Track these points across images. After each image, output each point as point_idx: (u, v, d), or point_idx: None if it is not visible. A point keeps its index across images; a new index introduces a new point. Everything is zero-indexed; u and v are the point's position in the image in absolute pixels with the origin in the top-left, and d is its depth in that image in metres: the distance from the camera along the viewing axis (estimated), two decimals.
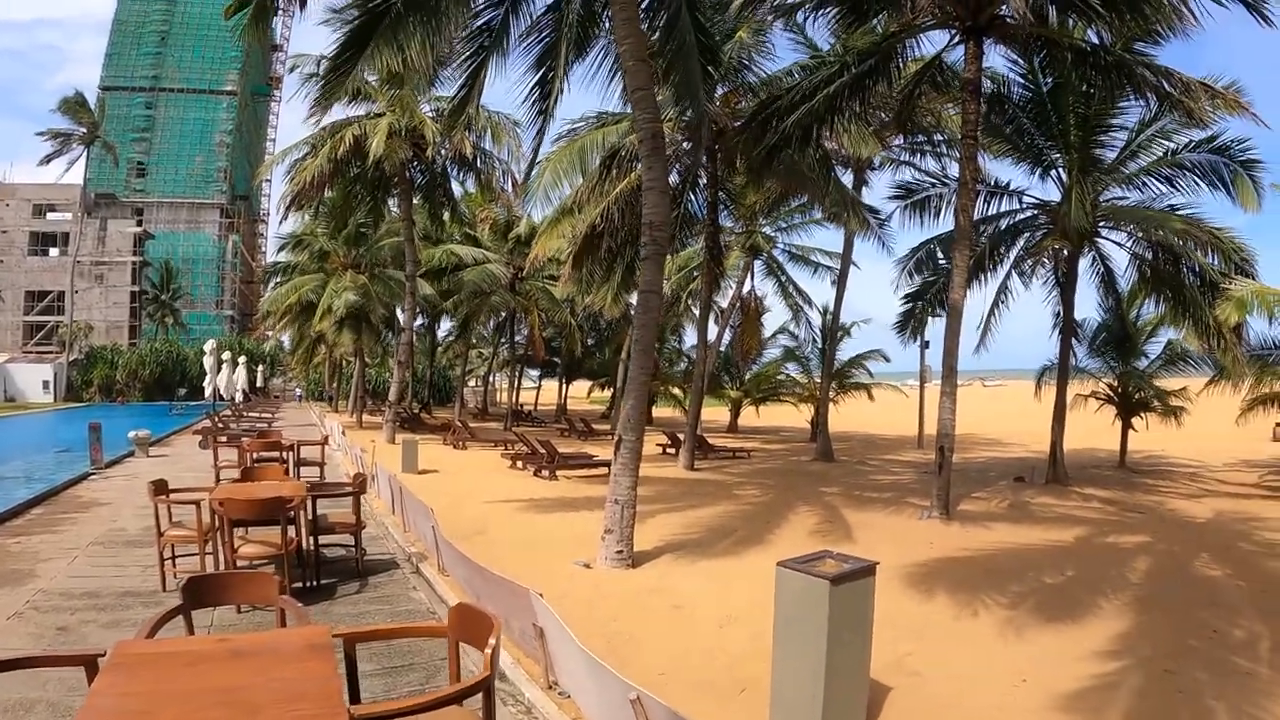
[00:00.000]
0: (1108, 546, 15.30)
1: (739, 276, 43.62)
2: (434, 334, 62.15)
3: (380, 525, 15.52)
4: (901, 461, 31.10)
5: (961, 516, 17.89)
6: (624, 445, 13.10)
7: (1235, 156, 23.72)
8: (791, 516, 17.34)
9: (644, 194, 13.98)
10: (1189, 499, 21.72)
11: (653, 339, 14.12)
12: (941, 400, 18.50)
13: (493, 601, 8.90)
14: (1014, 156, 25.90)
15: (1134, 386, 29.70)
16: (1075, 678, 7.95)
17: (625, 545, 12.65)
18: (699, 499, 19.62)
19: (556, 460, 23.91)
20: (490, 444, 32.31)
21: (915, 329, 31.31)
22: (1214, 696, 7.66)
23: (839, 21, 20.31)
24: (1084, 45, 19.57)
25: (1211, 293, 23.27)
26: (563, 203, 28.62)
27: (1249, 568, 13.48)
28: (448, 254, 46.09)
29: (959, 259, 18.77)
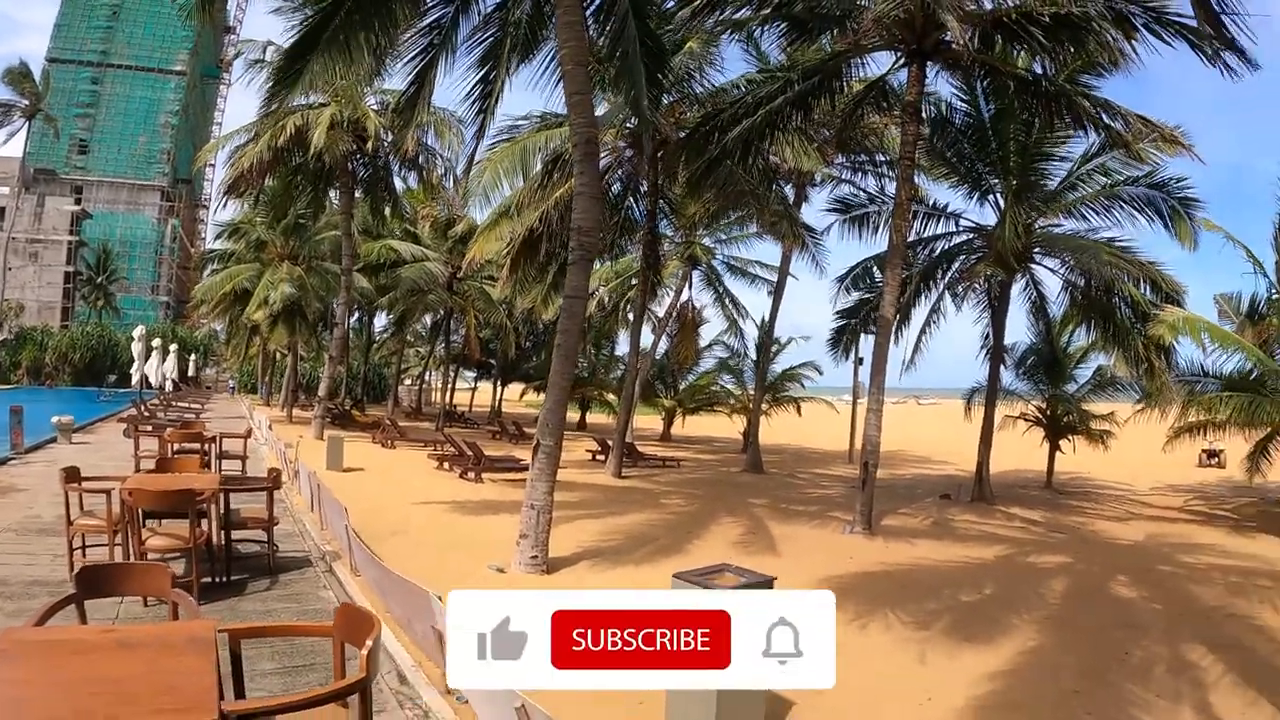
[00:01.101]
0: (1027, 566, 15.49)
1: (677, 286, 43.69)
2: (370, 330, 61.62)
3: (299, 522, 15.26)
4: (831, 475, 31.26)
5: (885, 532, 18.01)
6: (541, 450, 13.04)
7: (1173, 193, 24.22)
8: (715, 527, 17.35)
9: (575, 199, 14.03)
10: (1113, 521, 22.10)
11: (575, 344, 14.11)
12: (867, 416, 18.64)
13: (398, 603, 8.81)
14: (953, 180, 26.25)
15: (1062, 410, 30.18)
16: (982, 697, 8.02)
17: (540, 551, 12.57)
18: (623, 506, 19.55)
19: (483, 462, 23.70)
20: (420, 444, 31.96)
21: (847, 346, 31.53)
22: (1115, 717, 7.77)
23: (786, 37, 20.39)
24: (1026, 74, 19.93)
25: (1142, 322, 23.82)
26: (502, 204, 28.47)
27: (1167, 590, 13.70)
28: (386, 249, 45.45)
29: (890, 277, 18.97)
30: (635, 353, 30.74)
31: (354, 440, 30.16)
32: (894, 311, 19.65)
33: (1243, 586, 14.16)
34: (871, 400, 18.70)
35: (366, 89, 32.13)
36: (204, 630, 4.71)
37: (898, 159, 20.07)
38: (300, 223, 46.36)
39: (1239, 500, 27.87)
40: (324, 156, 31.73)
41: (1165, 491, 30.15)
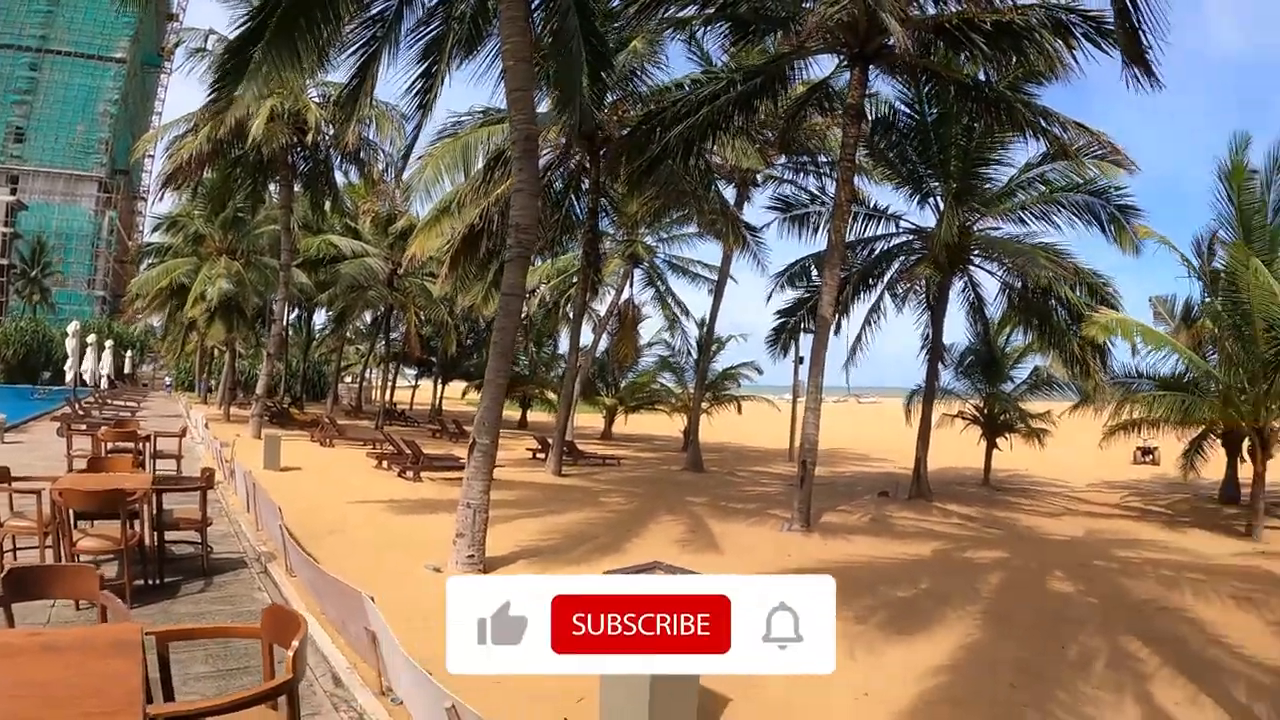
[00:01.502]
0: (965, 561, 15.69)
1: (618, 284, 43.71)
2: (309, 327, 61.01)
3: (234, 523, 14.99)
4: (771, 473, 31.39)
5: (823, 529, 18.12)
6: (478, 449, 12.95)
7: (1112, 200, 24.92)
8: (655, 525, 17.34)
9: (513, 196, 13.97)
10: (1049, 517, 22.46)
11: (512, 342, 14.08)
12: (806, 415, 18.78)
13: (332, 604, 8.73)
14: (895, 182, 26.58)
15: (999, 408, 30.67)
16: (918, 691, 8.05)
17: (477, 550, 12.49)
18: (563, 505, 19.46)
19: (421, 461, 23.53)
20: (359, 442, 31.65)
21: (785, 344, 31.69)
22: (1048, 713, 7.85)
23: (729, 38, 20.45)
24: (968, 80, 20.19)
25: (1078, 324, 24.25)
26: (443, 200, 28.21)
27: (1102, 585, 13.92)
28: (326, 244, 44.81)
29: (829, 277, 19.12)
30: (575, 350, 30.72)
31: (292, 439, 29.80)
32: (832, 311, 19.80)
33: (1176, 580, 14.40)
34: (810, 399, 18.84)
35: (308, 80, 31.74)
36: (130, 633, 4.63)
37: (839, 160, 20.20)
38: (239, 216, 45.31)
39: (1173, 496, 28.50)
40: (263, 149, 31.16)
41: (1101, 488, 30.72)
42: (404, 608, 9.22)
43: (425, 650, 6.69)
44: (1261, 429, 20.41)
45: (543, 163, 25.00)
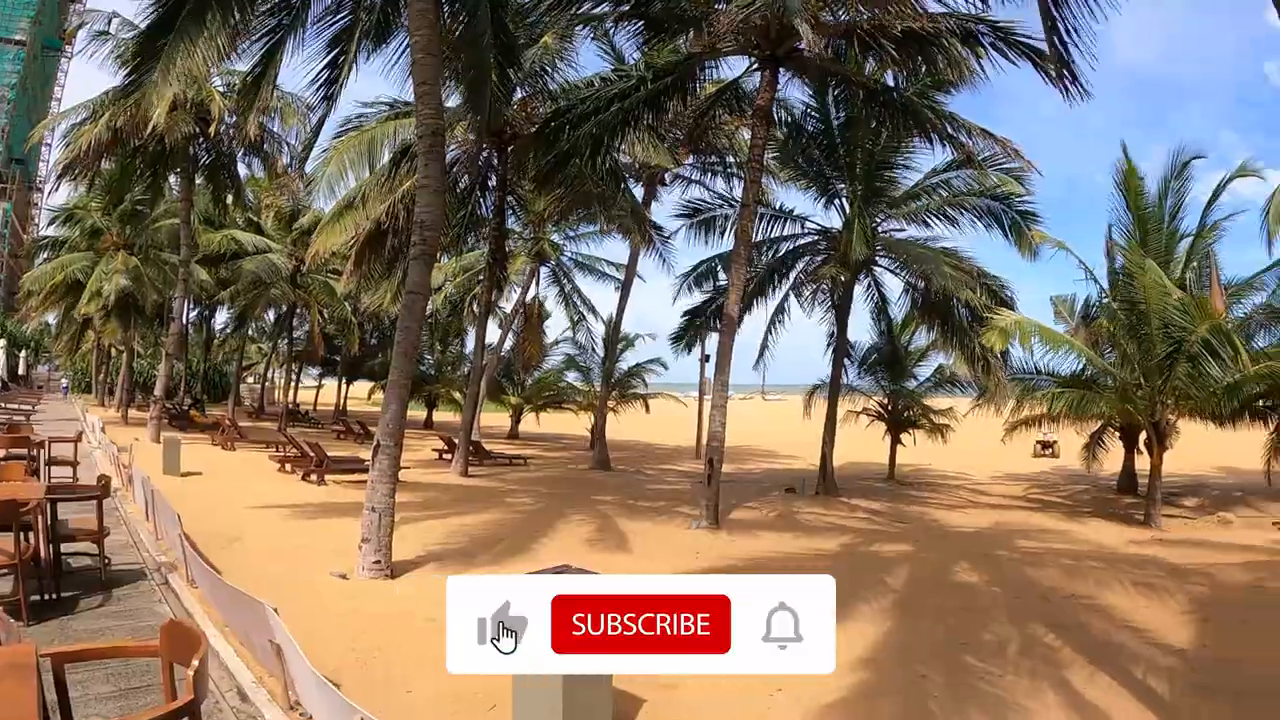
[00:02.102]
0: (872, 555, 15.88)
1: (524, 282, 43.55)
2: (210, 325, 59.76)
3: (133, 532, 14.51)
4: (678, 471, 31.53)
5: (731, 526, 18.21)
6: (382, 451, 12.71)
7: (1014, 206, 25.81)
8: (563, 525, 17.22)
9: (418, 192, 13.75)
10: (954, 510, 23.01)
11: (415, 342, 13.85)
12: (712, 413, 18.87)
13: (236, 616, 8.52)
14: (802, 184, 26.98)
15: (903, 405, 31.24)
16: (830, 686, 8.00)
17: (383, 555, 12.23)
18: (469, 506, 19.25)
19: (325, 464, 23.09)
20: (261, 445, 31.01)
21: (690, 343, 31.89)
22: (964, 700, 7.97)
23: (641, 35, 20.41)
24: (875, 85, 20.51)
25: (980, 323, 24.72)
26: (347, 195, 27.73)
27: (1007, 575, 14.21)
28: (228, 239, 43.61)
29: (735, 276, 19.27)
30: (480, 349, 30.57)
31: (192, 442, 29.14)
32: (738, 310, 19.95)
33: (1079, 569, 14.82)
34: (716, 396, 18.96)
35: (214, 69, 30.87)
36: (24, 655, 4.49)
37: (747, 161, 20.34)
38: (138, 210, 43.63)
39: (1073, 487, 29.64)
40: (165, 138, 30.19)
41: (1003, 480, 31.61)
42: (310, 617, 9.08)
43: (333, 661, 6.60)
44: (1157, 423, 21.22)
45: (450, 159, 24.79)
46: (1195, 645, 10.17)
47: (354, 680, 7.63)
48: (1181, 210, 24.84)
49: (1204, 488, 29.44)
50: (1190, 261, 24.81)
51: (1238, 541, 18.79)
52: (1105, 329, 23.01)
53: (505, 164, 26.85)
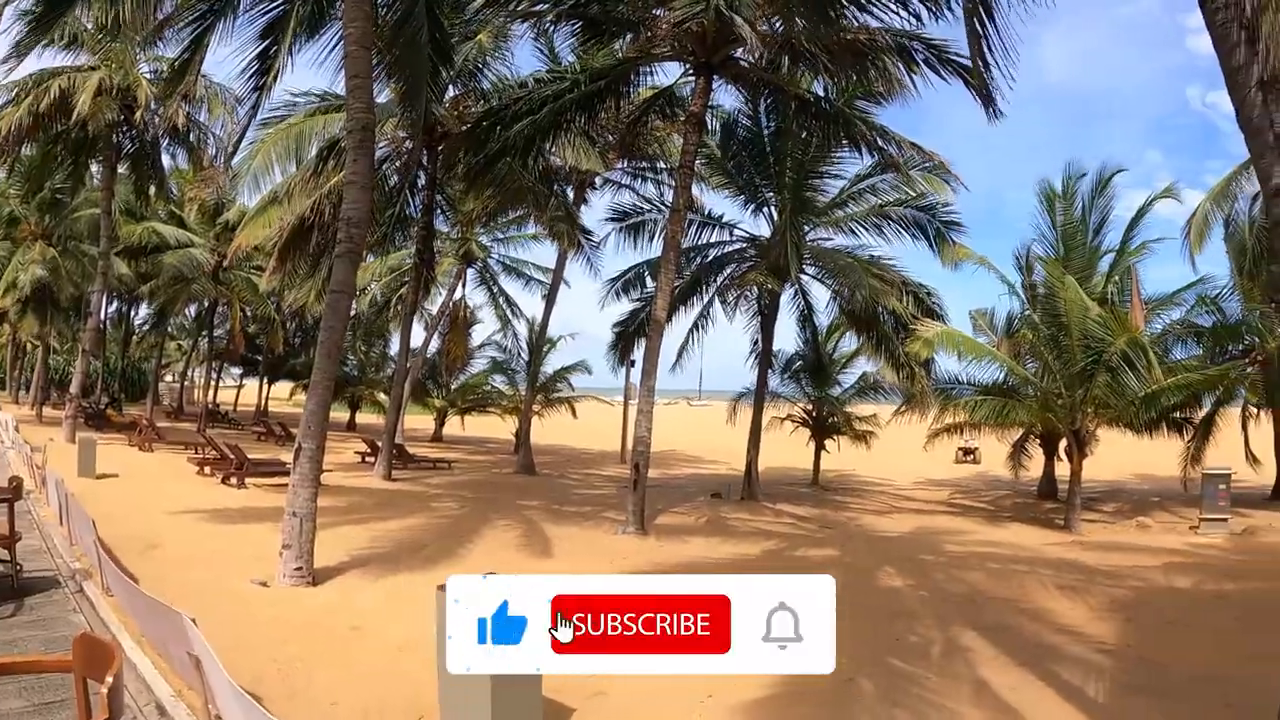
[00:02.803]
0: (798, 559, 16.07)
1: (451, 284, 43.21)
2: (129, 321, 58.49)
3: (47, 537, 14.02)
4: (603, 476, 31.52)
5: (658, 531, 18.22)
6: (303, 454, 12.46)
7: (939, 216, 26.45)
8: (487, 531, 17.04)
9: (345, 188, 13.62)
10: (878, 515, 23.37)
11: (339, 342, 13.64)
12: (638, 418, 18.87)
13: (153, 626, 8.27)
14: (731, 191, 27.11)
15: (827, 411, 31.51)
16: (760, 689, 7.99)
17: (304, 562, 11.94)
18: (393, 511, 18.96)
19: (245, 467, 22.62)
20: (180, 447, 30.29)
21: (625, 353, 31.93)
22: (893, 704, 8.00)
23: (578, 36, 20.31)
24: (808, 95, 20.78)
25: (905, 331, 25.15)
26: (272, 190, 27.24)
27: (932, 578, 14.38)
28: (149, 232, 42.42)
29: (664, 281, 19.32)
30: (405, 351, 30.32)
31: (109, 443, 28.48)
32: (666, 314, 19.98)
33: (1002, 572, 15.06)
34: (642, 401, 18.94)
35: (140, 54, 30.15)
36: None
37: (678, 167, 20.38)
38: (58, 198, 42.12)
39: (995, 493, 30.30)
40: (88, 124, 29.21)
41: (926, 486, 32.21)
42: (230, 627, 8.88)
43: (254, 672, 6.45)
44: (1078, 430, 21.77)
45: (379, 155, 24.54)
46: (1120, 645, 10.34)
47: (276, 692, 7.46)
48: (1105, 226, 26.16)
49: (1123, 493, 30.26)
50: (1112, 276, 25.66)
51: (1155, 545, 19.27)
52: (1027, 340, 23.48)
53: (435, 163, 26.64)
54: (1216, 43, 6.11)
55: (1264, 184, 6.14)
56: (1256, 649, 9.85)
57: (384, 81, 20.24)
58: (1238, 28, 5.97)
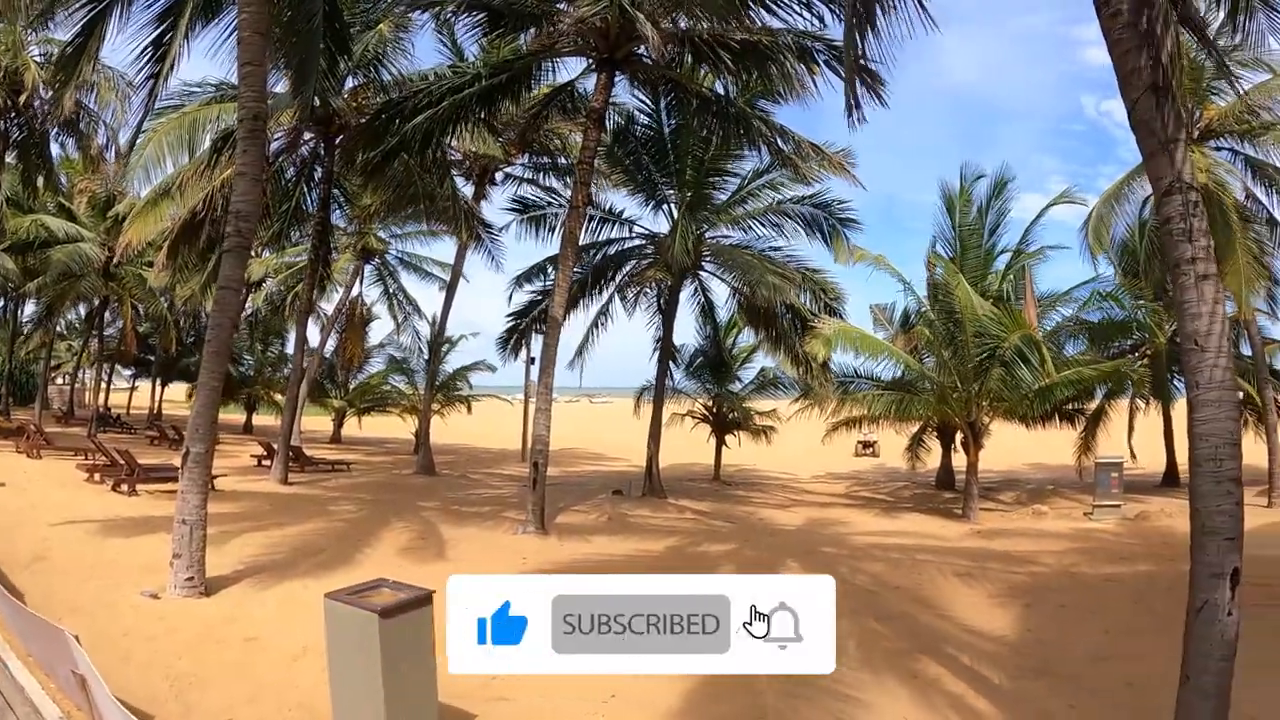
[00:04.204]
0: (699, 554, 16.05)
1: (348, 280, 42.56)
2: (15, 320, 56.53)
3: None
4: (504, 475, 31.23)
5: (559, 530, 18.20)
6: (191, 458, 12.13)
7: (835, 213, 26.71)
8: (385, 534, 16.77)
9: (235, 180, 13.23)
10: (779, 509, 23.63)
11: (228, 340, 13.30)
12: (536, 415, 18.82)
13: (36, 644, 7.97)
14: (631, 187, 27.14)
15: (727, 407, 31.70)
16: (664, 690, 8.02)
17: (196, 571, 11.55)
18: (289, 516, 18.40)
19: (137, 473, 21.84)
20: (69, 452, 29.17)
21: (517, 346, 31.72)
22: (799, 698, 8.06)
23: (482, 29, 20.07)
24: (710, 94, 20.93)
25: (804, 327, 25.51)
26: (164, 182, 26.37)
27: (833, 569, 14.34)
28: (37, 225, 40.53)
29: (561, 277, 19.35)
30: (300, 350, 29.76)
31: None
32: (563, 311, 19.95)
33: (902, 561, 15.36)
34: (540, 399, 18.88)
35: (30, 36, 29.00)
36: None
37: (577, 162, 20.31)
38: None
39: (893, 484, 31.04)
40: None
41: (826, 479, 32.85)
42: (120, 642, 8.62)
43: (146, 690, 6.22)
44: (973, 423, 22.55)
45: (274, 147, 24.05)
46: (1019, 630, 10.66)
47: (169, 710, 7.28)
48: (1001, 227, 26.97)
49: (1019, 482, 31.28)
50: (1007, 275, 26.47)
51: (1051, 531, 19.93)
52: (924, 336, 23.91)
53: (332, 156, 26.06)
54: (1111, 47, 6.30)
55: (1154, 183, 6.28)
56: (1149, 627, 10.16)
57: (281, 70, 19.85)
58: (1133, 33, 6.15)
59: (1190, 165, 6.08)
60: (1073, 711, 8.14)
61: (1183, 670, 5.94)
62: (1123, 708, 8.11)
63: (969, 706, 7.97)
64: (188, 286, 34.66)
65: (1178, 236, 5.97)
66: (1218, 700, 5.79)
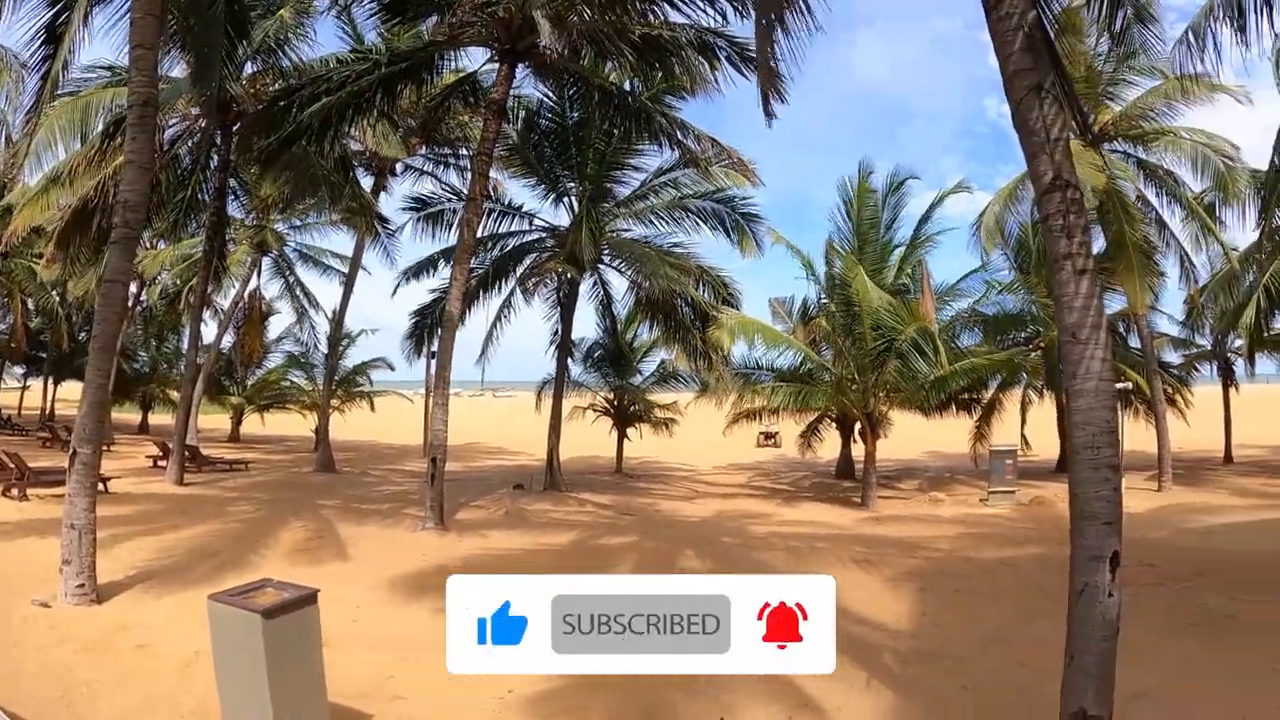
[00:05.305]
0: (599, 547, 16.11)
1: (246, 274, 41.68)
2: None
3: None
4: (404, 471, 30.85)
5: (459, 525, 18.14)
6: (79, 460, 11.63)
7: (738, 208, 27.07)
8: (283, 534, 16.48)
9: (124, 168, 12.85)
10: (681, 500, 23.87)
11: (115, 335, 12.88)
12: (434, 411, 18.73)
13: None
14: (532, 180, 27.10)
15: (628, 400, 31.85)
16: (560, 686, 7.98)
17: (88, 578, 11.18)
18: (185, 518, 17.90)
19: (27, 476, 21.01)
20: None
21: (421, 344, 31.47)
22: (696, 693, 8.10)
23: (381, 15, 19.72)
24: (612, 87, 20.99)
25: (703, 321, 25.74)
26: (55, 168, 25.42)
27: (732, 560, 14.71)
28: None
29: (458, 273, 19.33)
30: (195, 345, 28.91)
31: None
32: (460, 306, 19.95)
33: (801, 549, 15.66)
34: (438, 395, 18.86)
35: None
36: None
37: (476, 154, 20.23)
38: None
39: (795, 474, 31.48)
40: None
41: (728, 471, 33.08)
42: (10, 653, 8.41)
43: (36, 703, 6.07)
44: (871, 413, 23.09)
45: (171, 134, 23.50)
46: (914, 614, 10.94)
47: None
48: (897, 222, 27.58)
49: (917, 470, 32.09)
50: (904, 268, 27.01)
51: (948, 516, 20.60)
52: (823, 328, 24.29)
53: (229, 144, 25.35)
54: (998, 49, 6.44)
55: (1035, 182, 6.41)
56: (1041, 608, 10.41)
57: (178, 55, 19.39)
58: (1020, 35, 6.31)
59: (1071, 164, 6.24)
60: (965, 693, 8.36)
61: (1067, 651, 6.08)
62: (1014, 688, 8.31)
63: (862, 692, 8.11)
64: (82, 280, 33.54)
65: (1057, 233, 6.14)
66: (1101, 679, 5.93)
